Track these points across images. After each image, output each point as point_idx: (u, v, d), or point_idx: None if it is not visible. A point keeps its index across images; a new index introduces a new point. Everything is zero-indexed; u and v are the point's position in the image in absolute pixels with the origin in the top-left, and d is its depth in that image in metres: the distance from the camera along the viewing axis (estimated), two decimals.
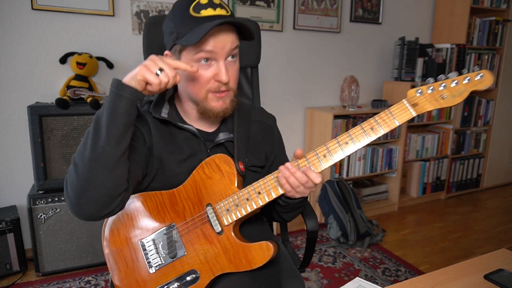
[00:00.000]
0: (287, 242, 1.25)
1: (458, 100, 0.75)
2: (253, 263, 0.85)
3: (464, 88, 0.74)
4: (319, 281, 1.96)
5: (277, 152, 1.07)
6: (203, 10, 0.81)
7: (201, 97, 0.88)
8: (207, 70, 0.85)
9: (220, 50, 0.83)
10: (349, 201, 2.49)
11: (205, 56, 0.83)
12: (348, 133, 0.81)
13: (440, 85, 0.76)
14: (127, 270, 0.89)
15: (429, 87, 0.76)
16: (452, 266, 0.88)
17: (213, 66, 0.85)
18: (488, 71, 0.74)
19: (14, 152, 2.03)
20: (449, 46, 2.98)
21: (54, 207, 1.89)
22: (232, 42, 0.84)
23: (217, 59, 0.84)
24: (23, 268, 1.96)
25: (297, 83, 2.74)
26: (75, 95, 1.91)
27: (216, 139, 0.95)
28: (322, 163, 0.82)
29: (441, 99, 0.76)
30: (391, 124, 0.78)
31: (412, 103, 0.77)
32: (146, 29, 1.20)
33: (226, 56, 0.85)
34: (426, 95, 0.76)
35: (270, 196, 0.85)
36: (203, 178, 0.89)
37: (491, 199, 3.29)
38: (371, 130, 0.79)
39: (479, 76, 0.74)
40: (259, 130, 1.03)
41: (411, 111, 0.77)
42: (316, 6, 2.65)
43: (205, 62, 0.84)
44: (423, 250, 2.34)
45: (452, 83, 0.75)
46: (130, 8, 2.13)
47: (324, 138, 2.62)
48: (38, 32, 1.96)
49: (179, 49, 0.85)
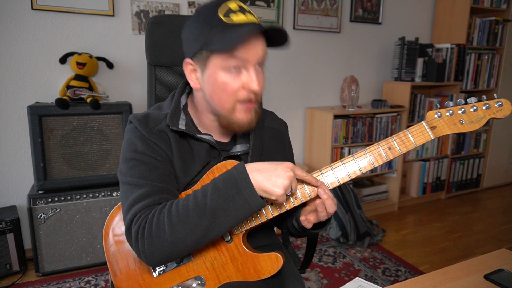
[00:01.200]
0: (288, 243, 1.25)
1: (476, 126, 0.75)
2: (261, 274, 0.85)
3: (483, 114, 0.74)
4: (319, 281, 1.96)
5: (289, 159, 1.05)
6: (234, 16, 0.77)
7: (228, 108, 0.82)
8: (236, 80, 0.80)
9: (252, 58, 0.79)
10: (349, 201, 2.49)
11: (236, 64, 0.78)
12: (366, 151, 0.80)
13: (459, 109, 0.75)
14: (129, 272, 0.88)
15: (448, 111, 0.76)
16: (452, 266, 0.88)
17: (243, 75, 0.80)
18: (506, 100, 0.73)
19: (14, 152, 2.03)
20: (449, 46, 2.98)
21: (54, 207, 1.89)
22: (263, 50, 0.81)
23: (247, 67, 0.80)
24: (23, 268, 1.96)
25: (297, 83, 2.74)
26: (75, 95, 1.91)
27: (232, 150, 0.92)
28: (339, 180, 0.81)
29: (459, 124, 0.75)
30: (409, 145, 0.77)
31: (430, 126, 0.77)
32: (148, 29, 1.19)
33: (256, 63, 0.81)
34: (445, 118, 0.76)
35: (283, 208, 0.83)
36: None
37: (491, 199, 3.29)
38: (389, 150, 0.78)
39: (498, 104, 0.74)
40: (271, 137, 1.00)
41: (430, 134, 0.76)
42: (316, 6, 2.65)
43: (235, 71, 0.79)
44: (423, 250, 2.34)
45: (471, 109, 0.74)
46: (130, 8, 2.13)
47: (324, 138, 2.62)
48: (38, 32, 1.96)
49: (206, 55, 0.80)
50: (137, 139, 0.84)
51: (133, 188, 0.81)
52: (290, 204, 0.82)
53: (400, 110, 2.85)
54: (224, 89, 0.80)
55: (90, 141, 1.93)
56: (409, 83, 2.84)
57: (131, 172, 0.82)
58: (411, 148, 0.77)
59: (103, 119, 1.93)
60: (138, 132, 0.85)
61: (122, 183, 0.84)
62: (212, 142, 0.89)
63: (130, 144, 0.85)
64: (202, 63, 0.82)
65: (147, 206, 0.78)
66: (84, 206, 1.95)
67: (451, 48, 2.99)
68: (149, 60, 1.22)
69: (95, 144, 1.94)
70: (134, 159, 0.83)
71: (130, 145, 0.85)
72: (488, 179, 3.52)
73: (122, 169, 0.84)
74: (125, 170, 0.83)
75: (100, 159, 1.96)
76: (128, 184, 0.82)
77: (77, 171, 1.93)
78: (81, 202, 1.94)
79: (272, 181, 0.73)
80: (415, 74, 2.94)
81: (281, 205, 0.82)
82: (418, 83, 2.92)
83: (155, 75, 1.23)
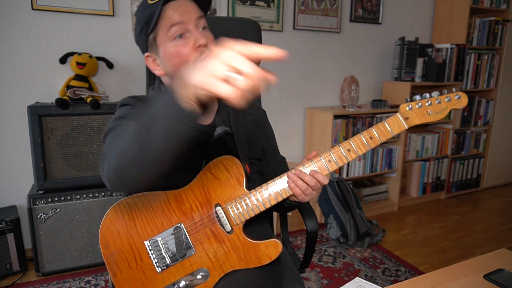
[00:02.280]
0: (287, 242, 1.25)
1: (440, 116, 0.88)
2: (263, 260, 0.89)
3: (445, 106, 0.87)
4: (319, 281, 1.96)
5: (272, 147, 1.10)
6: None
7: None
8: (185, 43, 0.85)
9: (187, 18, 0.84)
10: (349, 201, 2.49)
11: (177, 30, 0.84)
12: (350, 141, 0.88)
13: (426, 102, 0.88)
14: (129, 272, 0.88)
15: (417, 103, 0.88)
16: (452, 266, 0.88)
17: (188, 39, 0.85)
18: (463, 93, 0.87)
19: (14, 152, 2.03)
20: (449, 46, 2.98)
21: (54, 207, 1.89)
22: (195, 9, 0.86)
23: (188, 29, 0.85)
24: (23, 268, 1.96)
25: (297, 83, 2.74)
26: (75, 95, 1.91)
27: (214, 134, 0.95)
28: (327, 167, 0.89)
29: (427, 115, 0.88)
30: (387, 134, 0.88)
31: (404, 117, 0.88)
32: None
33: (195, 23, 0.85)
34: (415, 110, 0.88)
35: (280, 197, 0.89)
36: (210, 178, 0.90)
37: (491, 199, 3.29)
38: (370, 139, 0.88)
39: (457, 96, 0.87)
40: (252, 122, 1.05)
41: (404, 124, 0.88)
42: (316, 6, 2.65)
43: (180, 38, 0.84)
44: (423, 250, 2.34)
45: (436, 101, 0.87)
46: (130, 8, 2.13)
47: (324, 138, 2.62)
48: (38, 32, 1.96)
49: (152, 39, 0.87)
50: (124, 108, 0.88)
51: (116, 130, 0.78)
52: (286, 193, 0.89)
53: None
54: (178, 57, 0.85)
55: (90, 141, 1.93)
56: (409, 83, 2.84)
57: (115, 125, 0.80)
58: (389, 137, 0.88)
59: (103, 119, 1.93)
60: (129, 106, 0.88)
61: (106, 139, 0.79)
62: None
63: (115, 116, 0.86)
64: (154, 48, 0.88)
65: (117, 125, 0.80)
66: (84, 206, 1.95)
67: (451, 48, 2.99)
68: None
69: (95, 144, 1.94)
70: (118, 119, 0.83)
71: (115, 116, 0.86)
72: (488, 179, 3.52)
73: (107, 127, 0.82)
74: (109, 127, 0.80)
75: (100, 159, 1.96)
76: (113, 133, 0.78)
77: (77, 171, 1.93)
78: (81, 202, 1.94)
79: (192, 77, 0.57)
80: (415, 74, 2.94)
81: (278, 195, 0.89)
82: (418, 83, 2.92)
83: (154, 75, 1.23)
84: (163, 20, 0.84)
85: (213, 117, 0.98)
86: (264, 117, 1.11)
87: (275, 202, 0.89)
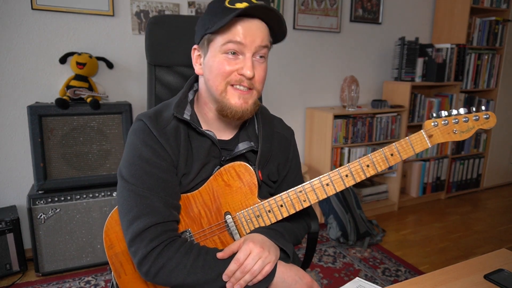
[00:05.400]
0: None
1: (466, 136, 0.82)
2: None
3: (472, 125, 0.82)
4: (319, 281, 1.96)
5: (291, 168, 1.03)
6: (238, 3, 0.78)
7: (221, 90, 0.82)
8: (232, 63, 0.81)
9: (249, 43, 0.79)
10: (349, 201, 2.49)
11: (233, 48, 0.80)
12: (370, 156, 0.84)
13: (453, 120, 0.82)
14: (135, 273, 0.87)
15: (443, 120, 0.82)
16: (452, 266, 0.88)
17: (239, 60, 0.81)
18: (493, 113, 0.82)
19: (14, 152, 2.03)
20: (449, 46, 2.98)
21: (54, 207, 1.89)
22: (263, 38, 0.81)
23: (244, 53, 0.80)
24: (23, 268, 1.96)
25: (297, 83, 2.74)
26: (75, 95, 1.91)
27: (235, 149, 0.91)
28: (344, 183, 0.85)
29: (452, 133, 0.82)
30: (409, 152, 0.83)
31: (428, 135, 0.83)
32: (148, 29, 1.19)
33: (255, 51, 0.81)
34: (440, 127, 0.83)
35: (292, 209, 0.86)
36: (221, 185, 0.87)
37: (491, 199, 3.29)
38: (391, 156, 0.84)
39: (485, 116, 0.82)
40: (279, 143, 0.99)
41: (428, 142, 0.83)
42: (316, 6, 2.65)
43: (232, 55, 0.81)
44: (423, 250, 2.34)
45: (463, 119, 0.82)
46: (130, 8, 2.13)
47: (324, 138, 2.62)
48: (38, 32, 1.96)
49: (208, 40, 0.83)
50: (142, 143, 0.82)
51: (137, 198, 0.80)
52: (299, 206, 0.86)
53: (400, 110, 2.85)
54: (218, 70, 0.82)
55: (90, 141, 1.93)
56: (409, 83, 2.84)
57: (135, 180, 0.81)
58: (410, 155, 0.83)
59: (103, 119, 1.93)
60: (144, 134, 0.83)
61: (123, 188, 0.82)
62: (213, 138, 0.87)
63: (134, 148, 0.83)
64: (205, 48, 0.84)
65: (160, 230, 0.79)
66: (84, 206, 1.95)
67: (451, 48, 2.99)
68: (149, 60, 1.22)
69: (95, 144, 1.94)
70: (137, 165, 0.81)
71: (134, 149, 0.83)
72: (488, 179, 3.52)
73: (124, 172, 0.83)
74: (128, 175, 0.82)
75: (100, 159, 1.96)
76: (131, 192, 0.81)
77: (77, 171, 1.93)
78: (81, 202, 1.94)
79: None
80: (415, 74, 2.94)
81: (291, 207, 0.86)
82: (418, 83, 2.92)
83: (155, 75, 1.23)
84: (227, 31, 0.79)
85: (234, 133, 0.94)
86: (290, 138, 1.04)
87: (287, 214, 0.86)
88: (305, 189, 0.85)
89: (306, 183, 0.86)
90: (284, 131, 1.03)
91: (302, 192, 0.85)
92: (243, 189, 0.86)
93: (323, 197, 0.85)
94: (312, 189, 0.85)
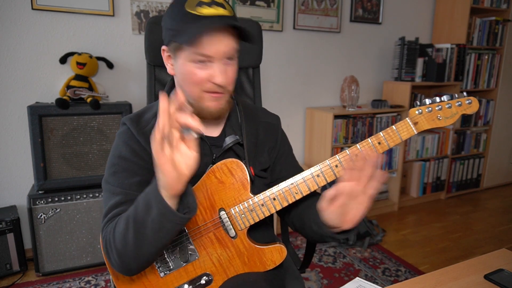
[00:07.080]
0: (288, 242, 1.25)
1: (450, 121, 0.85)
2: (267, 265, 0.89)
3: (456, 111, 0.84)
4: (319, 281, 1.96)
5: (281, 151, 1.04)
6: (202, 7, 0.77)
7: (196, 97, 0.85)
8: (202, 71, 0.82)
9: (215, 53, 0.80)
10: None
11: (200, 58, 0.80)
12: (358, 146, 0.84)
13: (436, 106, 0.84)
14: (132, 276, 0.87)
15: (427, 107, 0.84)
16: (452, 266, 0.88)
17: (209, 67, 0.82)
18: (474, 98, 0.83)
19: (14, 152, 2.03)
20: (449, 46, 2.98)
21: (54, 207, 1.89)
22: (230, 47, 0.81)
23: (212, 62, 0.81)
24: (23, 268, 1.96)
25: (297, 83, 2.74)
26: (75, 95, 1.91)
27: (223, 145, 0.92)
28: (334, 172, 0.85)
29: (437, 120, 0.85)
30: (396, 139, 0.85)
31: (414, 122, 0.84)
32: (147, 29, 1.19)
33: (223, 57, 0.82)
34: (425, 114, 0.85)
35: (285, 202, 0.87)
36: (215, 182, 0.88)
37: (491, 199, 3.29)
38: (379, 145, 0.85)
39: (468, 101, 0.83)
40: (264, 130, 1.01)
41: (413, 129, 0.84)
42: (316, 6, 2.65)
43: (201, 63, 0.81)
44: (423, 250, 2.34)
45: (446, 105, 0.84)
46: (130, 8, 2.13)
47: (324, 138, 2.62)
48: (38, 32, 1.96)
49: (175, 47, 0.83)
50: (123, 143, 0.87)
51: (110, 195, 0.84)
52: (292, 198, 0.86)
53: (400, 110, 2.85)
54: (191, 79, 0.83)
55: (90, 141, 1.93)
56: (409, 83, 2.84)
57: (111, 179, 0.85)
58: (397, 142, 0.84)
59: (103, 119, 1.93)
60: (126, 135, 0.87)
61: (103, 189, 0.87)
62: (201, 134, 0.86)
63: (115, 149, 0.88)
64: (174, 53, 0.85)
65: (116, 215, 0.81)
66: (84, 206, 1.95)
67: (451, 48, 2.99)
68: (149, 60, 1.22)
69: (95, 144, 1.94)
70: (116, 164, 0.86)
71: (115, 149, 0.88)
72: (488, 179, 3.52)
73: (105, 174, 0.88)
74: (106, 176, 0.87)
75: (100, 159, 1.96)
76: (106, 191, 0.86)
77: (77, 171, 1.93)
78: (81, 202, 1.94)
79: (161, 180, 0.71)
80: (415, 74, 2.94)
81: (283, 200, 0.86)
82: (418, 83, 2.92)
83: (154, 75, 1.23)
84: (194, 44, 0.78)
85: (221, 129, 0.96)
86: (276, 122, 1.05)
87: (281, 207, 0.87)
88: (296, 181, 0.86)
89: (297, 175, 0.86)
90: (269, 119, 1.05)
91: (293, 184, 0.86)
92: (235, 185, 0.88)
93: (314, 188, 0.86)
94: (303, 181, 0.86)
